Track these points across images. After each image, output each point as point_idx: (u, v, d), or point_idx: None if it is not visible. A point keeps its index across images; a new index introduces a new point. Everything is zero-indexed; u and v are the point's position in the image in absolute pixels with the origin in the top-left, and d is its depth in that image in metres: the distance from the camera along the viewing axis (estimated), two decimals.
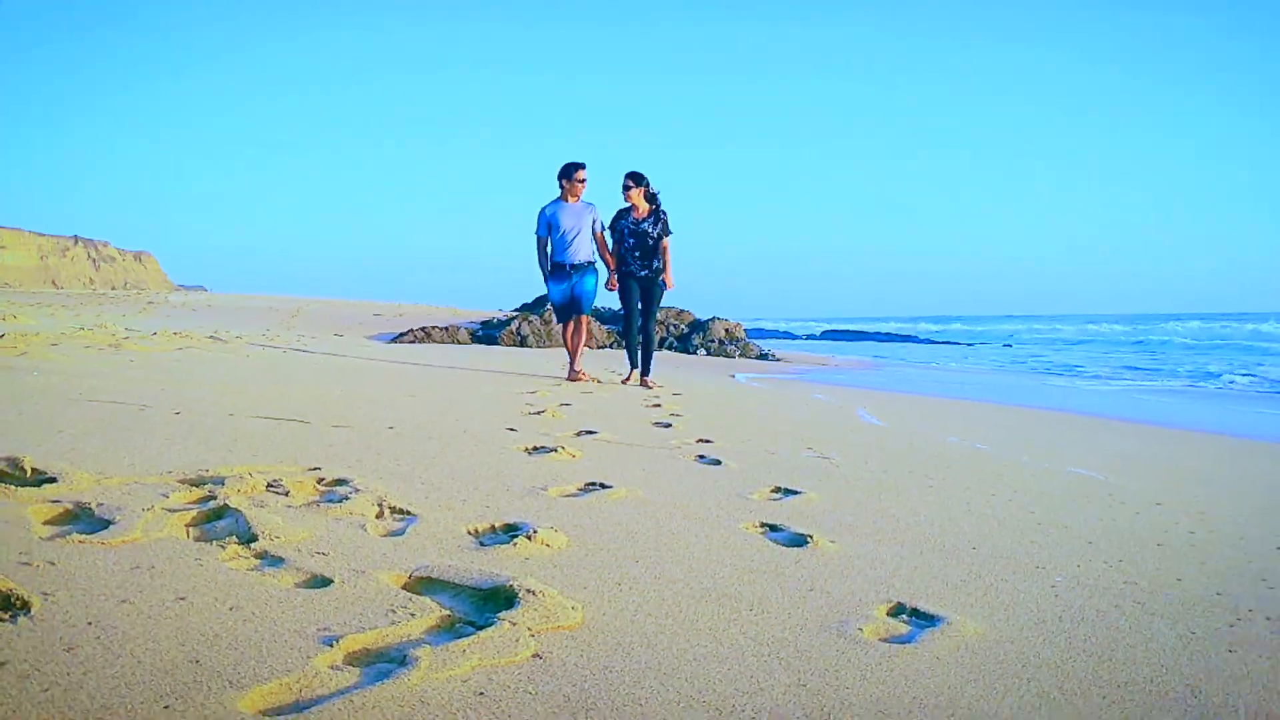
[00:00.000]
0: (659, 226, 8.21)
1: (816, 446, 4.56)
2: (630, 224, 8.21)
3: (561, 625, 1.75)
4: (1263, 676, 1.77)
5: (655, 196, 8.23)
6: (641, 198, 8.20)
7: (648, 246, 8.19)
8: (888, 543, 2.63)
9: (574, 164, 8.29)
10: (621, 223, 8.26)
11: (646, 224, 8.18)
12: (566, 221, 8.21)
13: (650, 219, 8.19)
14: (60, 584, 1.74)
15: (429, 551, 2.17)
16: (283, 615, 1.69)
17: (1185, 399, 12.23)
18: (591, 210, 8.32)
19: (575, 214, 8.23)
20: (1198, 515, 3.40)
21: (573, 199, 8.25)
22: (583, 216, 8.26)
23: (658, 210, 8.24)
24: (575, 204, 8.27)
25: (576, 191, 8.24)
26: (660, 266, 8.28)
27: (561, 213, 8.22)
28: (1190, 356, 25.01)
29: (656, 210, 8.23)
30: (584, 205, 8.30)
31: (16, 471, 2.55)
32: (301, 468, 2.97)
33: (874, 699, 1.55)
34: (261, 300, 27.15)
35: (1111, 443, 6.25)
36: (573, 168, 8.25)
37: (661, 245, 8.23)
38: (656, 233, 8.18)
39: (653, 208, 8.22)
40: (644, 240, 8.18)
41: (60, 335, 7.96)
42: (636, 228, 8.18)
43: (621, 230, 8.25)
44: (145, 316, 16.68)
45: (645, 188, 8.21)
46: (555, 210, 8.25)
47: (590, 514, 2.70)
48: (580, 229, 8.23)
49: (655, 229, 8.17)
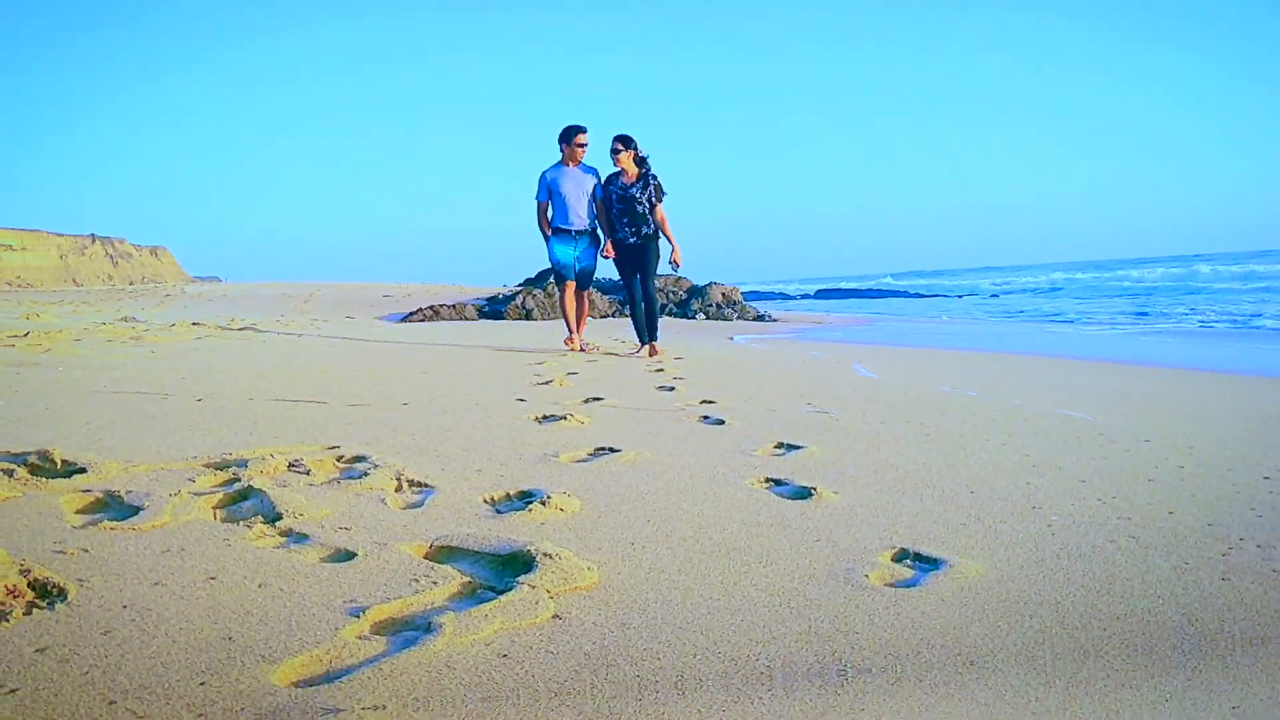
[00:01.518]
0: (648, 192, 7.72)
1: (815, 402, 4.55)
2: (619, 189, 7.74)
3: (578, 586, 1.75)
4: (1255, 602, 1.77)
5: (644, 160, 7.77)
6: (631, 161, 7.73)
7: (636, 213, 7.72)
8: (888, 491, 2.63)
9: (575, 127, 7.83)
10: (610, 188, 7.81)
11: (635, 189, 7.70)
12: (567, 186, 7.80)
13: (639, 184, 7.71)
14: (94, 570, 1.74)
15: (448, 521, 2.17)
16: (310, 590, 1.69)
17: (1181, 339, 12.22)
18: (594, 175, 7.90)
19: (576, 179, 7.82)
20: (1186, 450, 3.39)
21: (573, 164, 7.83)
22: (584, 182, 7.84)
23: (647, 174, 7.74)
24: (576, 169, 7.84)
25: (577, 156, 7.80)
26: (651, 232, 7.80)
27: (563, 177, 7.81)
28: (1178, 299, 24.98)
29: (646, 174, 7.74)
30: (585, 170, 7.88)
31: (47, 464, 2.54)
32: (321, 446, 2.96)
33: (883, 642, 1.54)
34: (274, 288, 27.09)
35: (1100, 384, 6.24)
36: (573, 131, 7.80)
37: (657, 213, 7.78)
38: (645, 198, 7.70)
39: (641, 171, 7.74)
40: (632, 206, 7.71)
41: (83, 331, 7.94)
42: (625, 193, 7.71)
43: (610, 195, 7.81)
44: (163, 309, 16.66)
45: (634, 151, 7.76)
46: (556, 175, 7.84)
47: (601, 478, 2.70)
48: (582, 194, 7.82)
49: (644, 194, 7.70)
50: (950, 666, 1.47)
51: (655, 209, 7.76)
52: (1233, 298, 23.91)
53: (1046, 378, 6.80)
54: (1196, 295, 26.24)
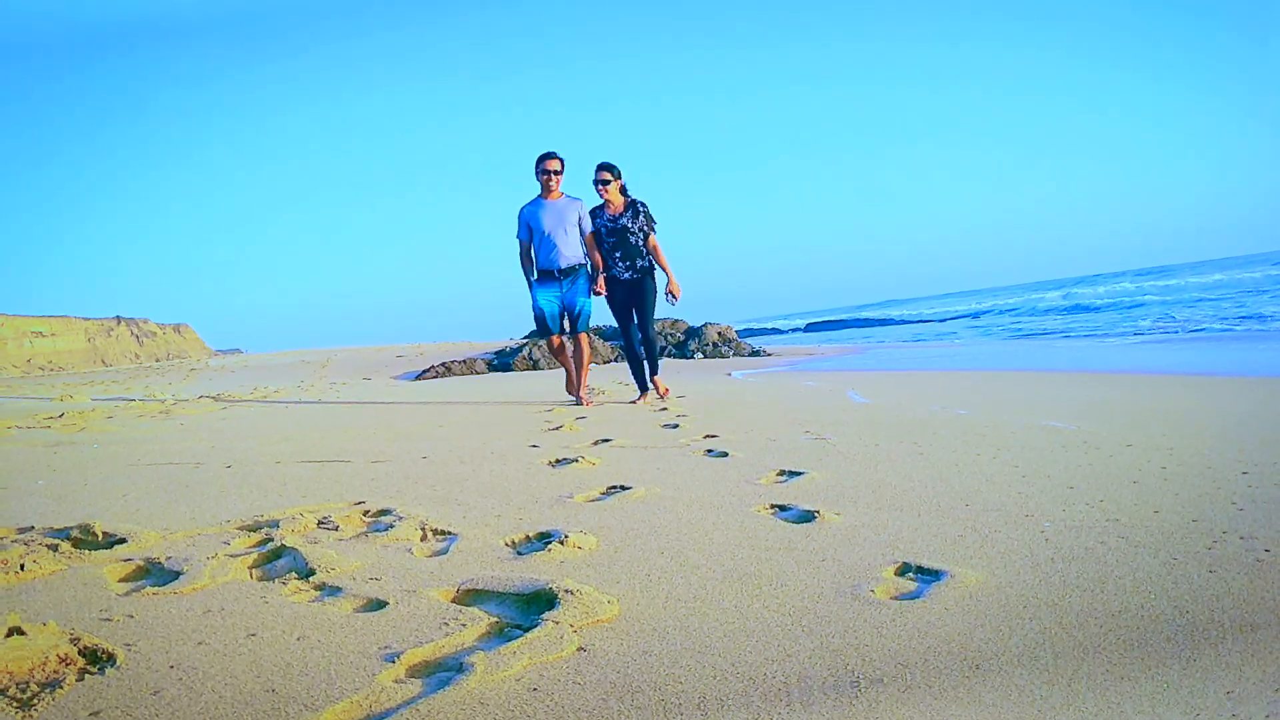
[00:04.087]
0: (639, 220, 6.84)
1: (813, 429, 4.56)
2: (607, 221, 6.85)
3: (600, 619, 1.75)
4: (1242, 591, 1.77)
5: (624, 189, 6.94)
6: (618, 191, 6.87)
7: (629, 245, 6.84)
8: (888, 509, 2.63)
9: (541, 155, 6.86)
10: (596, 222, 6.90)
11: (625, 219, 6.83)
12: (548, 221, 6.79)
13: (628, 213, 6.84)
14: (140, 634, 1.75)
15: (472, 565, 2.18)
16: (346, 639, 1.69)
17: (1155, 346, 12.24)
18: (577, 206, 6.85)
19: (557, 212, 6.80)
20: (1167, 451, 3.39)
21: (552, 195, 6.83)
22: (567, 213, 6.81)
23: (635, 203, 6.87)
24: (557, 200, 6.83)
25: (550, 185, 6.79)
26: (647, 266, 6.92)
27: (542, 211, 6.80)
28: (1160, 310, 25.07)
29: (634, 203, 6.87)
30: (568, 201, 6.85)
31: (89, 536, 2.55)
32: (348, 503, 2.97)
33: (891, 652, 1.55)
34: (294, 355, 27.16)
35: (1081, 394, 6.24)
36: (541, 158, 6.84)
37: (650, 243, 6.89)
38: (638, 228, 6.84)
39: (628, 201, 6.88)
40: (624, 238, 6.83)
41: (114, 408, 7.97)
42: (614, 224, 6.84)
43: (598, 230, 6.90)
44: (189, 383, 16.71)
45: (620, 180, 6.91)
46: (534, 209, 6.84)
47: (615, 515, 2.71)
48: (565, 227, 6.80)
49: (636, 224, 6.83)
50: (957, 672, 1.47)
51: (648, 239, 6.93)
52: (1210, 306, 23.99)
53: (1030, 392, 6.81)
54: (1170, 305, 26.32)
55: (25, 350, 40.36)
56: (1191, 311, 21.32)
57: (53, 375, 27.29)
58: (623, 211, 6.85)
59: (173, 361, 39.81)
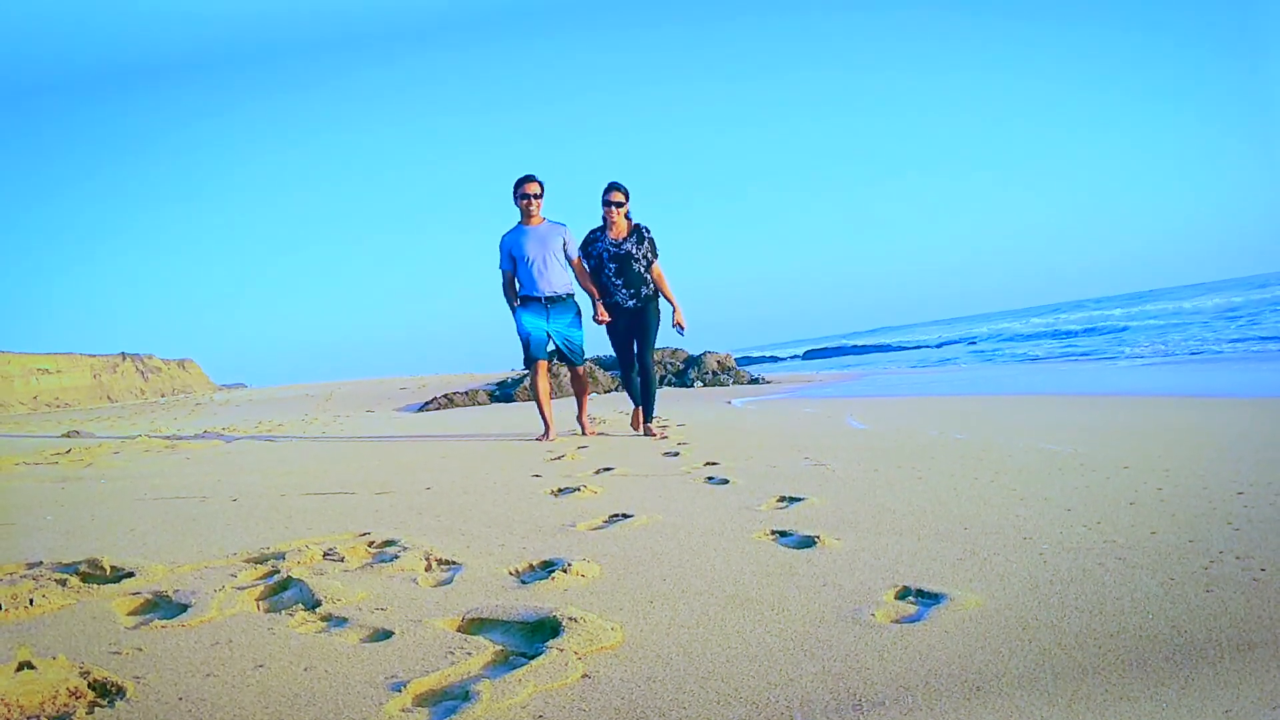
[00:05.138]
0: (644, 246, 6.46)
1: (813, 455, 4.57)
2: (610, 246, 6.44)
3: (604, 646, 1.75)
4: (1239, 610, 1.78)
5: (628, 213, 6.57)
6: (623, 215, 6.48)
7: (633, 272, 6.43)
8: (887, 533, 2.63)
9: (519, 179, 6.44)
10: (598, 245, 6.48)
11: (629, 244, 6.43)
12: (530, 248, 6.38)
13: (632, 238, 6.44)
14: (149, 667, 1.75)
15: (477, 595, 2.18)
16: (353, 669, 1.69)
17: (1148, 369, 12.25)
18: (561, 231, 6.44)
19: (540, 238, 6.39)
20: (1163, 473, 3.40)
21: (532, 221, 6.44)
22: (549, 240, 6.39)
23: (639, 228, 6.49)
24: (539, 226, 6.43)
25: (531, 210, 6.40)
26: (650, 293, 6.53)
27: (524, 239, 6.39)
28: (1146, 336, 25.10)
29: (637, 228, 6.48)
30: (550, 226, 6.44)
31: (97, 571, 2.55)
32: (353, 534, 2.98)
33: (893, 675, 1.55)
34: (297, 389, 27.18)
35: (1076, 417, 6.25)
36: (517, 184, 6.43)
37: (654, 272, 6.50)
38: (642, 254, 6.45)
39: (632, 225, 6.50)
40: (627, 264, 6.42)
41: (121, 444, 7.96)
42: (618, 250, 6.42)
43: (600, 255, 6.47)
44: (194, 417, 16.70)
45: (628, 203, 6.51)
46: (516, 236, 6.43)
47: (617, 543, 2.71)
48: (547, 255, 6.39)
49: (640, 249, 6.44)
50: (958, 694, 1.48)
51: (652, 266, 6.55)
52: (1204, 329, 24.02)
53: (1027, 415, 6.82)
54: (1161, 330, 26.37)
55: (31, 387, 40.39)
56: (1181, 335, 21.38)
57: (58, 411, 27.30)
58: (627, 236, 6.47)
59: (178, 396, 39.81)
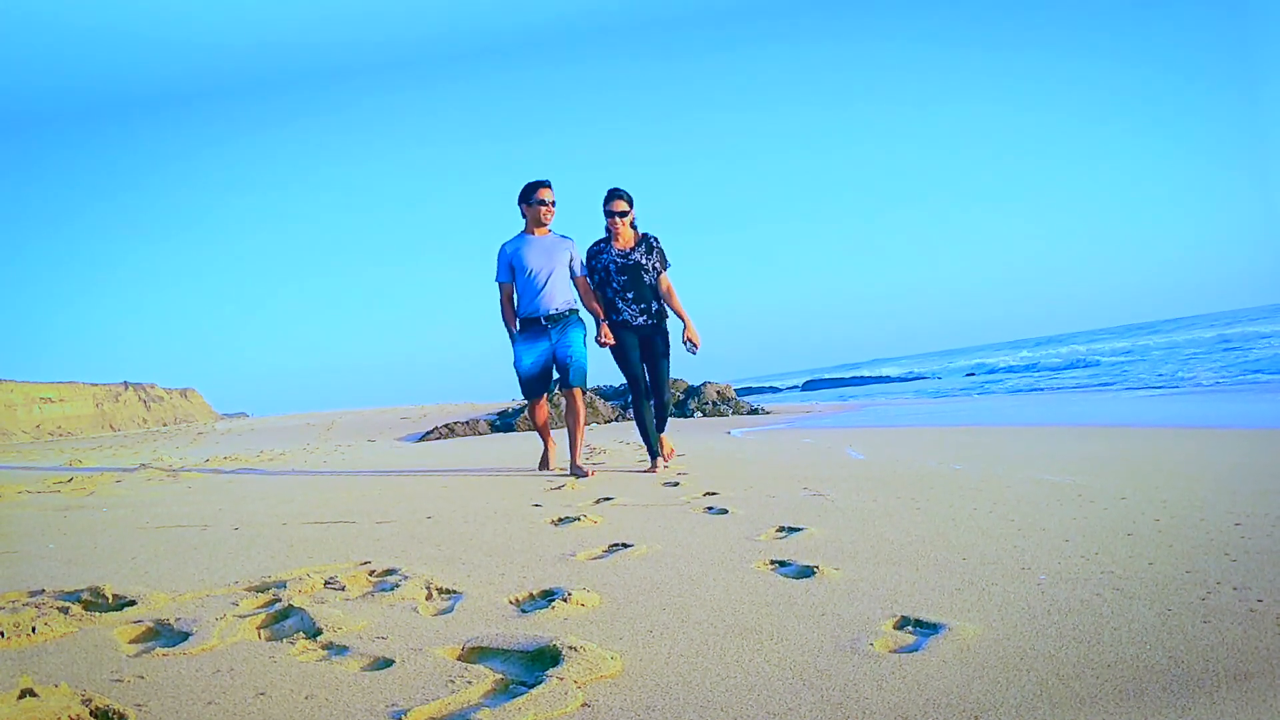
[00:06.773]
0: (654, 256, 5.75)
1: (812, 485, 4.56)
2: (617, 257, 5.73)
3: (604, 675, 1.75)
4: (1236, 641, 1.78)
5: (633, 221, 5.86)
6: (629, 224, 5.79)
7: (643, 285, 5.71)
8: (886, 564, 2.63)
9: (535, 183, 5.76)
10: (603, 258, 5.77)
11: (637, 254, 5.73)
12: (534, 259, 5.68)
13: (640, 248, 5.75)
14: (151, 695, 1.74)
15: (477, 624, 2.18)
16: (354, 697, 1.69)
17: (1145, 400, 12.26)
18: (568, 245, 5.78)
19: (545, 249, 5.72)
20: (1160, 504, 3.40)
21: (539, 230, 5.77)
22: (555, 252, 5.73)
23: (647, 237, 5.80)
24: (544, 236, 5.76)
25: (542, 219, 5.73)
26: (662, 310, 5.80)
27: (527, 248, 5.71)
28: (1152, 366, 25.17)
29: (645, 237, 5.80)
30: (557, 238, 5.78)
31: (99, 599, 2.55)
32: (354, 563, 2.97)
33: (891, 705, 1.55)
34: (299, 418, 27.16)
35: (1074, 448, 6.25)
36: (533, 187, 5.74)
37: (663, 285, 5.77)
38: (652, 264, 5.74)
39: (640, 235, 5.82)
40: (638, 276, 5.70)
41: (123, 473, 7.95)
42: (626, 260, 5.71)
43: (606, 268, 5.75)
44: (196, 446, 16.67)
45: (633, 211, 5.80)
46: (518, 246, 5.74)
47: (617, 572, 2.71)
48: (553, 267, 5.70)
49: (650, 260, 5.74)
50: None
51: (661, 279, 5.82)
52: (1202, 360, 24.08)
53: (1025, 446, 6.81)
54: (1149, 361, 26.43)
55: (35, 416, 40.37)
56: (1179, 366, 21.42)
57: (61, 440, 27.25)
58: (634, 246, 5.79)
59: (180, 425, 39.74)
